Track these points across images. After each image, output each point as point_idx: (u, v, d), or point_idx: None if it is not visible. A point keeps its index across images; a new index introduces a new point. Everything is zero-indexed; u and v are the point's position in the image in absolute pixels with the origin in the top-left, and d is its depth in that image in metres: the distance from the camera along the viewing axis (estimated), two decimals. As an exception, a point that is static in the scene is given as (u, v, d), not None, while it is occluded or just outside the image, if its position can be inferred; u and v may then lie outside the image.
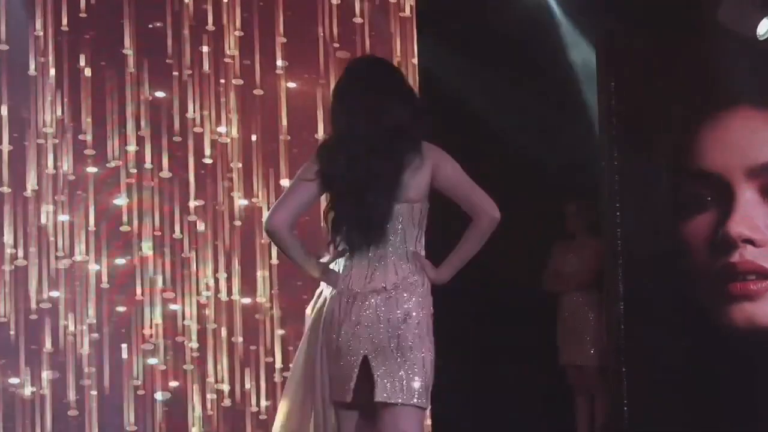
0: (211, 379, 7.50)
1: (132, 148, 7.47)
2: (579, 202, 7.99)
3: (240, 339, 7.57)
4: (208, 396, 7.51)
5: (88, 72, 7.44)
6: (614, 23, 7.63)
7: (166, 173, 7.53)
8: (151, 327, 7.42)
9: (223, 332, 7.54)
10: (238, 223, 7.63)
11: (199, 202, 7.55)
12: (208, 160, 7.60)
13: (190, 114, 7.55)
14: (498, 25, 7.94)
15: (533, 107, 7.89)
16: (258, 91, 7.68)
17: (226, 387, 7.51)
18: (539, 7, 7.99)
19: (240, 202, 7.64)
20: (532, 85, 7.96)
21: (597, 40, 7.80)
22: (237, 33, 7.69)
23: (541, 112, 7.92)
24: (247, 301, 7.61)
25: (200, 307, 7.51)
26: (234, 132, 7.64)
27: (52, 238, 7.30)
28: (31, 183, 7.32)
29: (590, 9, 7.79)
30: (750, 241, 7.36)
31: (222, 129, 7.65)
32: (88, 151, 7.43)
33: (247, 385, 7.57)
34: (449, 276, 4.46)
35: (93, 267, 7.37)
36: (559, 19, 7.97)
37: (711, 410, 7.37)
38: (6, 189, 7.28)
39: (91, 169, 7.44)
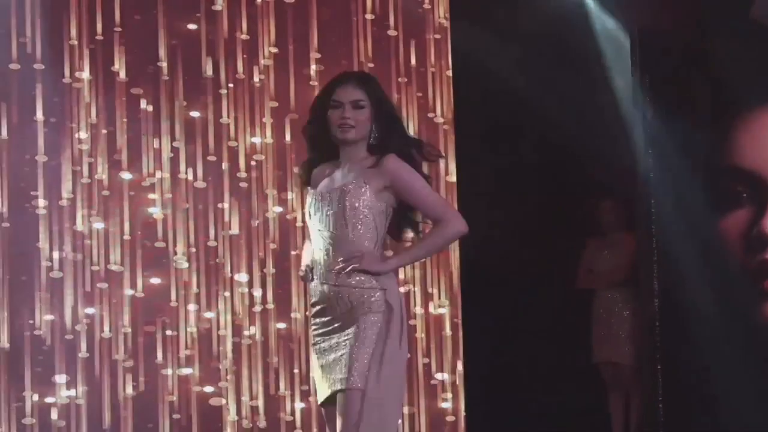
0: (245, 397, 7.53)
1: (166, 156, 7.46)
2: (614, 198, 7.99)
3: (275, 359, 7.58)
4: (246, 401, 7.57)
5: (122, 74, 7.40)
6: (649, 20, 7.58)
7: (200, 183, 7.51)
8: (186, 338, 7.45)
9: (258, 346, 7.56)
10: (272, 239, 7.65)
11: (234, 212, 7.56)
12: (242, 174, 7.59)
13: (224, 119, 7.53)
14: (533, 23, 7.88)
15: (568, 104, 7.84)
16: (293, 114, 7.66)
17: (261, 403, 7.56)
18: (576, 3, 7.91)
19: (273, 210, 7.63)
20: (567, 81, 7.91)
21: (632, 37, 7.75)
22: (272, 49, 7.64)
23: (576, 109, 7.86)
24: (282, 326, 7.64)
25: (235, 318, 7.53)
26: (268, 138, 7.63)
27: (88, 242, 7.29)
28: (66, 192, 7.30)
29: (626, 5, 7.71)
30: None
31: (256, 140, 7.63)
32: (122, 161, 7.41)
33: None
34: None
35: (127, 277, 7.37)
36: (595, 14, 7.88)
37: (747, 409, 7.41)
38: (42, 201, 7.27)
39: (126, 175, 7.43)
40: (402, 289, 6.19)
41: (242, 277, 7.52)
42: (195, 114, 7.50)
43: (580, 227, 8.15)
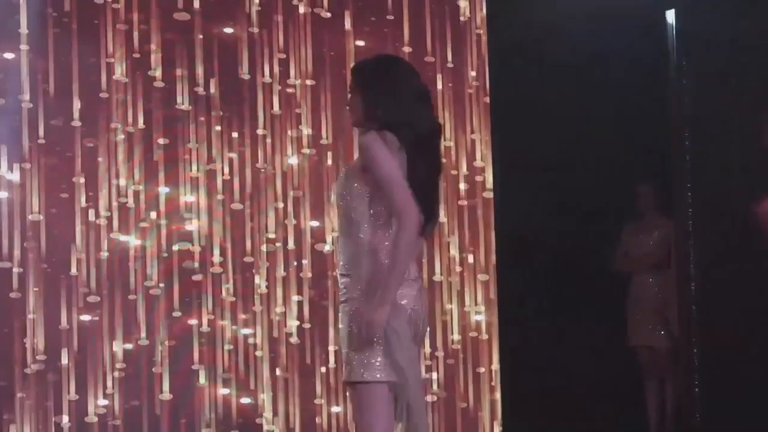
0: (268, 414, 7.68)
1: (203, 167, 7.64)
2: (650, 182, 7.97)
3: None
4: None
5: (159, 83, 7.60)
6: (687, 6, 7.57)
7: (238, 205, 7.69)
8: (223, 353, 7.62)
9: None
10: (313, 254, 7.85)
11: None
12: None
13: (260, 131, 7.73)
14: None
15: (605, 88, 7.85)
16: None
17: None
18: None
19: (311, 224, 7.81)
20: (603, 66, 7.91)
21: (668, 22, 7.74)
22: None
23: (612, 93, 7.86)
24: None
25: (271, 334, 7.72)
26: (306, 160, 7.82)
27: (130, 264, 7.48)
28: (103, 202, 7.47)
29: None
30: None
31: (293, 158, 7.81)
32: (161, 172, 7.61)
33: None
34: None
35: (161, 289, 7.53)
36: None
37: None
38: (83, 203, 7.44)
39: (163, 189, 7.60)
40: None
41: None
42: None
43: (618, 211, 8.14)
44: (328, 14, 7.90)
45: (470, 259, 8.20)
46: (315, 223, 7.82)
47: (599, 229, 8.07)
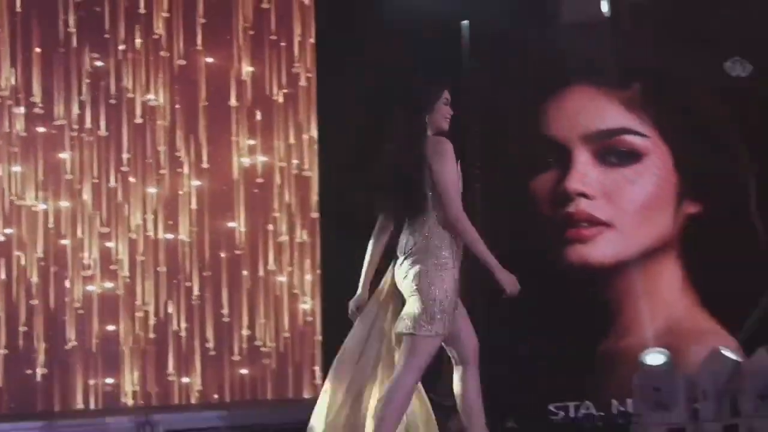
0: (138, 301, 9.04)
1: (75, 110, 8.94)
2: None
3: (164, 269, 9.14)
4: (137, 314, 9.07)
5: (37, 49, 8.87)
6: (478, 17, 9.05)
7: (103, 132, 9.03)
8: (89, 259, 8.92)
9: (150, 263, 9.08)
10: (163, 171, 9.18)
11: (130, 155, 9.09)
12: (138, 120, 9.13)
13: (124, 83, 9.06)
14: None
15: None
16: (181, 62, 9.27)
17: (151, 308, 9.06)
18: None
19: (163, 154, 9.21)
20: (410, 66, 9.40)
21: (463, 30, 9.15)
22: (164, 14, 9.23)
23: None
24: (170, 236, 9.18)
25: (131, 242, 9.05)
26: (161, 99, 9.18)
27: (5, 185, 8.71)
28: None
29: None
30: (583, 195, 8.99)
31: (150, 96, 9.17)
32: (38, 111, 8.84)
33: (170, 309, 9.14)
34: None
35: (41, 208, 8.79)
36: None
37: (553, 336, 8.77)
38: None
39: (41, 129, 8.86)
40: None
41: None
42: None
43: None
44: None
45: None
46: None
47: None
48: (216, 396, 9.23)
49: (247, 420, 8.56)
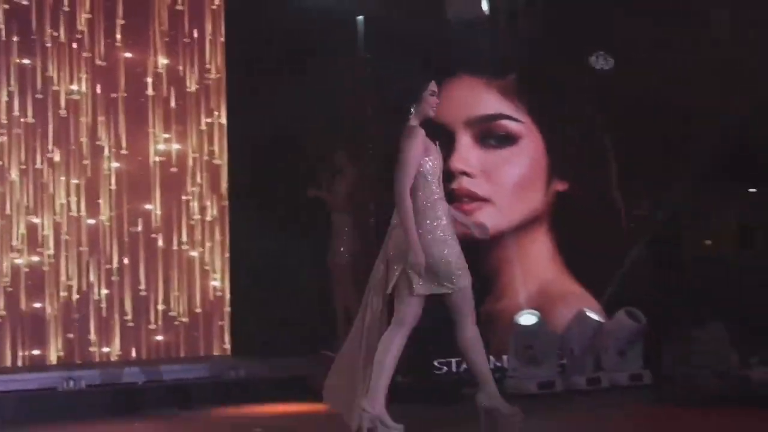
0: (63, 277, 9.81)
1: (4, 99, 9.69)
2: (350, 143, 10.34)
3: (85, 248, 9.92)
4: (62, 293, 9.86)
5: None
6: (371, 13, 9.53)
7: (30, 119, 9.77)
8: (17, 237, 9.66)
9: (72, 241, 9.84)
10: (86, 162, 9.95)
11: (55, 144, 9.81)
12: (62, 111, 9.88)
13: (49, 73, 9.79)
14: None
15: (312, 74, 9.99)
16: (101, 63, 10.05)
17: (74, 283, 9.82)
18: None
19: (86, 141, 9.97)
20: (311, 57, 10.08)
21: (358, 25, 9.51)
22: (86, 15, 10.01)
23: (318, 76, 9.90)
24: (91, 217, 9.97)
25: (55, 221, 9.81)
26: (84, 88, 9.95)
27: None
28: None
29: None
30: (465, 173, 9.55)
31: (74, 87, 9.92)
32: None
33: (92, 282, 9.93)
34: None
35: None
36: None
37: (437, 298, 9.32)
38: None
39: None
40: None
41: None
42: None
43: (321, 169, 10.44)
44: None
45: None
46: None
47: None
48: (134, 356, 9.96)
49: (162, 375, 9.06)
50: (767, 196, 10.37)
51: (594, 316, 9.50)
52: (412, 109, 6.88)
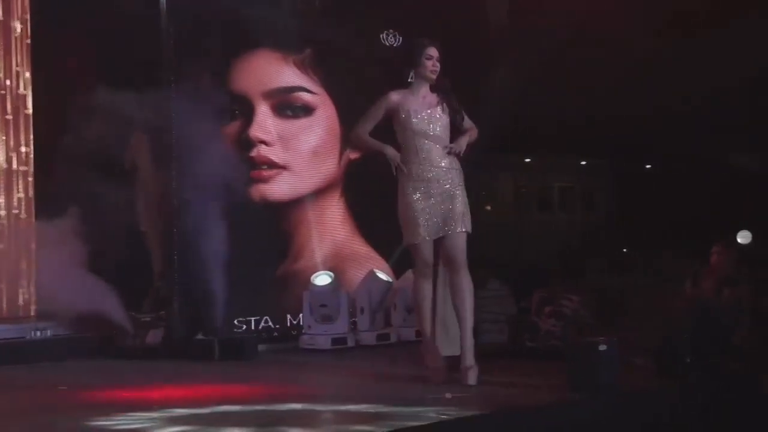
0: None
1: None
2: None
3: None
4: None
5: None
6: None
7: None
8: None
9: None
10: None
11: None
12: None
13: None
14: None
15: (126, 51, 10.07)
16: None
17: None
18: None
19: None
20: (118, 33, 10.10)
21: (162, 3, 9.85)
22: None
23: (126, 54, 10.15)
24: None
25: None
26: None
27: None
28: None
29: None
30: (263, 142, 10.09)
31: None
32: None
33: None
34: None
35: None
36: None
37: (238, 260, 9.58)
38: None
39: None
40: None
41: None
42: None
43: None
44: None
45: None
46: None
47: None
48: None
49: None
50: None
51: (384, 277, 10.14)
52: (411, 73, 7.43)
